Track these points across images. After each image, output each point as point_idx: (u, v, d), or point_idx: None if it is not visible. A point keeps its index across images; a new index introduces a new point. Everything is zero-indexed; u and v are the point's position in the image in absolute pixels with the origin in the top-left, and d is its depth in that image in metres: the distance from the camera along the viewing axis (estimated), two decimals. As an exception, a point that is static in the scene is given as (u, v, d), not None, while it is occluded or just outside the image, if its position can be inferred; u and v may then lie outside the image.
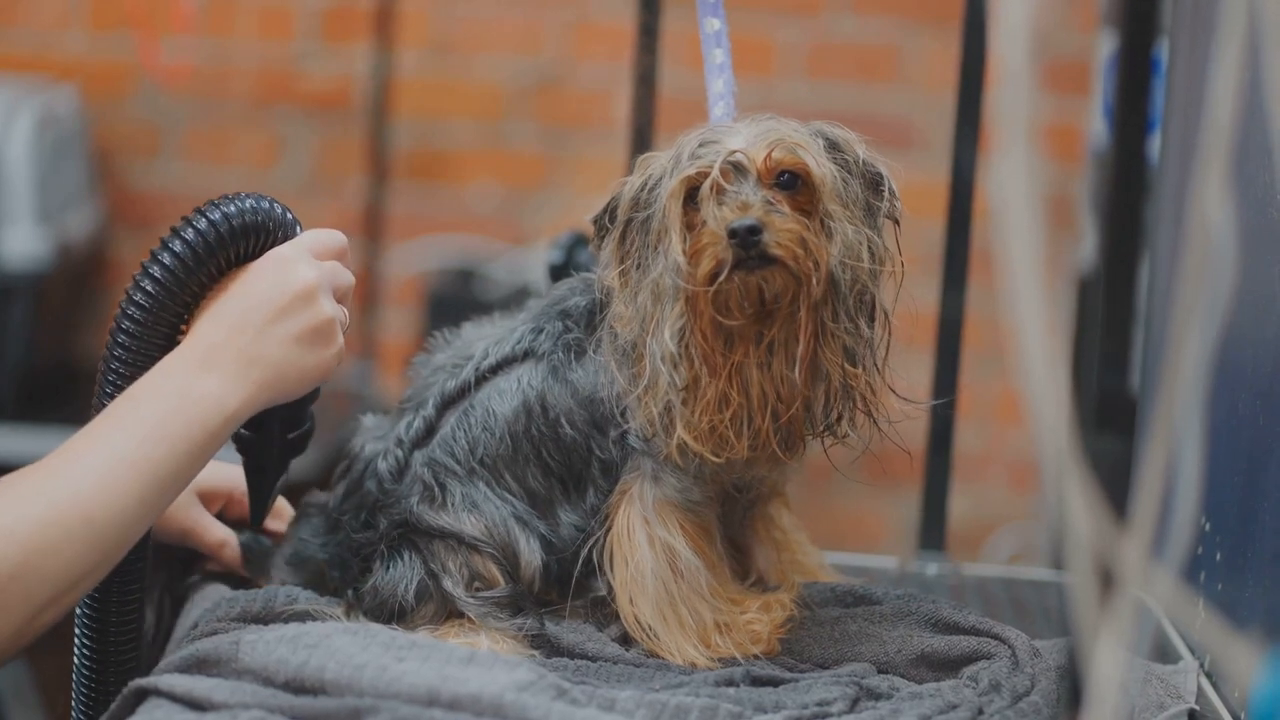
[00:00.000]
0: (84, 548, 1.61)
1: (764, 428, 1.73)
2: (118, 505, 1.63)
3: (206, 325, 1.71)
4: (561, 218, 4.44)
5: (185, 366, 1.69)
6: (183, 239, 1.72)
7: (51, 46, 4.74)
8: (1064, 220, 4.11)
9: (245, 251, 1.74)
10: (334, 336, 1.76)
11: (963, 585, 2.32)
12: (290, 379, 1.74)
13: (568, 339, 1.84)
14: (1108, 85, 3.68)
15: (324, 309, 1.75)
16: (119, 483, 1.63)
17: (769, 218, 1.69)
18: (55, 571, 1.60)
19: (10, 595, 1.58)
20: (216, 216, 1.73)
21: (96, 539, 1.62)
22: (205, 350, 1.70)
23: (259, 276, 1.73)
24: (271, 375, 1.72)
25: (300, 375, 1.75)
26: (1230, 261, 1.03)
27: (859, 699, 1.72)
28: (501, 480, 1.85)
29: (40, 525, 1.59)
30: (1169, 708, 1.77)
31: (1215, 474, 1.89)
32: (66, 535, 1.60)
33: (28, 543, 1.58)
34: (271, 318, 1.72)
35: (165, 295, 1.71)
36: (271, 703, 1.59)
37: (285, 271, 1.74)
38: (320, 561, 1.91)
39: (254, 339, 1.71)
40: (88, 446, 1.65)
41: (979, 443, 4.57)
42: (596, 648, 1.80)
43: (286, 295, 1.73)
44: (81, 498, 1.62)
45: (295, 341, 1.73)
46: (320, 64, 4.75)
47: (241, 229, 1.73)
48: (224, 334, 1.71)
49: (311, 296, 1.74)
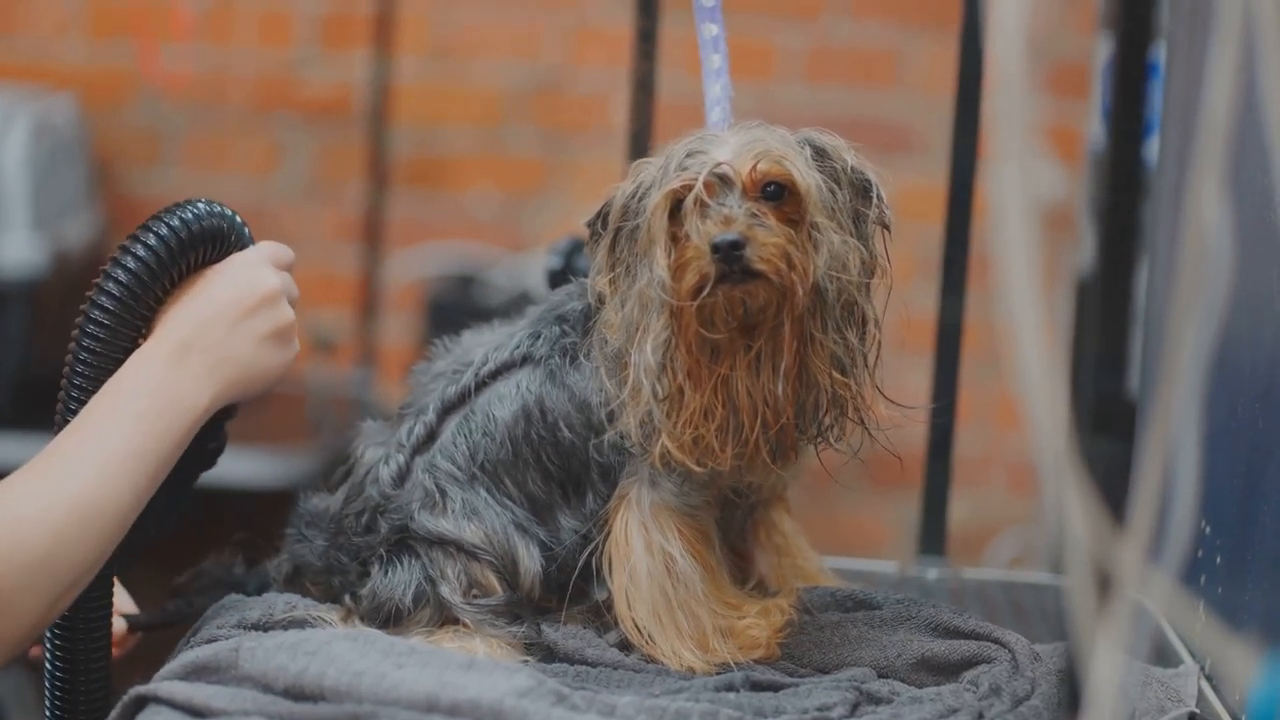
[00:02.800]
0: (97, 537, 1.66)
1: (753, 437, 1.73)
2: (119, 496, 1.67)
3: (176, 322, 1.75)
4: (560, 223, 4.44)
5: (159, 362, 1.73)
6: (145, 244, 1.74)
7: (50, 54, 4.74)
8: (1062, 223, 4.11)
9: (205, 256, 1.78)
10: (294, 339, 1.83)
11: (963, 589, 2.32)
12: (254, 377, 1.79)
13: (565, 344, 1.85)
14: (1105, 88, 3.68)
15: (287, 312, 1.81)
16: (119, 474, 1.68)
17: (752, 232, 1.68)
18: (76, 559, 1.65)
19: (40, 580, 1.63)
20: (176, 223, 1.75)
21: (105, 528, 1.67)
22: (177, 346, 1.74)
23: (227, 278, 1.78)
24: (239, 373, 1.77)
25: (263, 374, 1.80)
26: (1227, 264, 1.03)
27: (859, 704, 1.72)
28: (502, 486, 1.85)
29: (64, 513, 1.64)
30: (1169, 711, 1.77)
31: (1214, 477, 1.89)
32: (84, 524, 1.65)
33: (55, 530, 1.63)
34: (240, 317, 1.77)
35: (130, 298, 1.74)
36: (271, 709, 1.59)
37: (251, 275, 1.79)
38: (319, 568, 1.91)
39: (224, 337, 1.76)
40: (85, 441, 1.69)
41: (978, 447, 4.57)
42: (596, 653, 1.80)
43: (254, 297, 1.78)
44: (91, 488, 1.66)
45: (261, 341, 1.78)
46: (319, 70, 4.76)
47: (201, 234, 1.77)
48: (195, 330, 1.75)
49: (276, 299, 1.80)
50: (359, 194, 4.73)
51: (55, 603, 1.65)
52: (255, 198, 4.74)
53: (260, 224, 4.83)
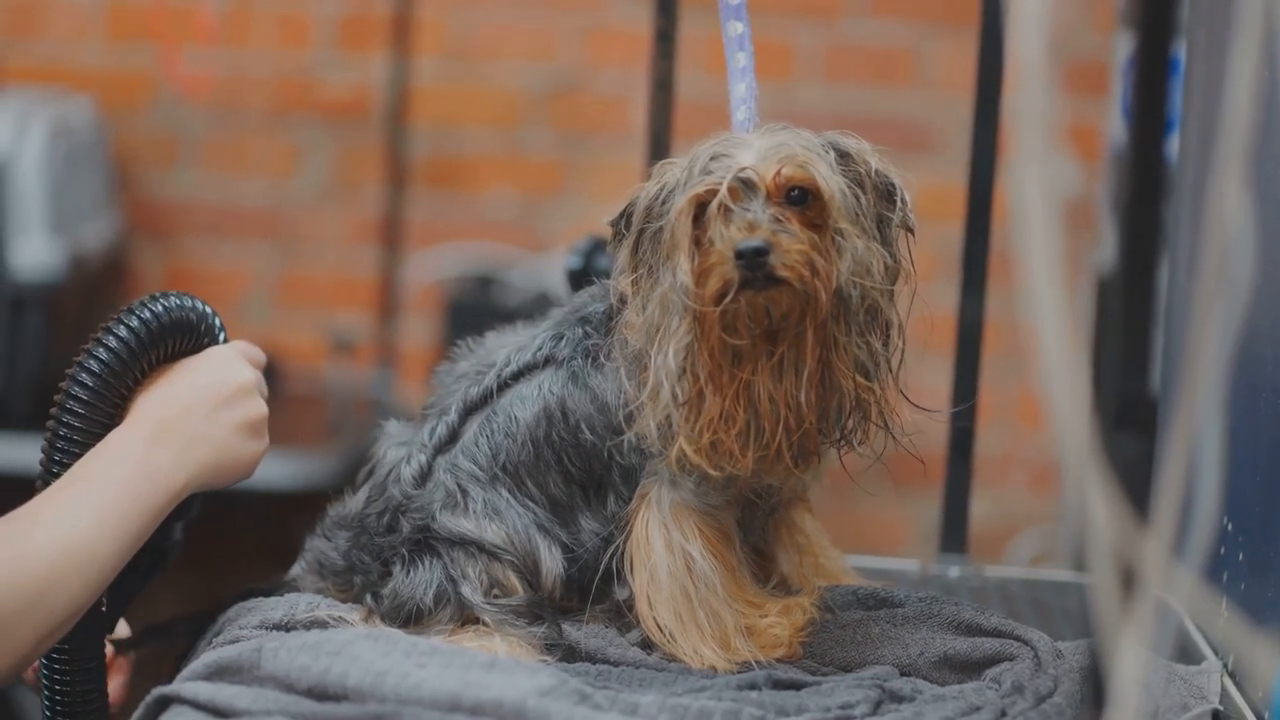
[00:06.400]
0: (84, 582, 1.69)
1: (775, 442, 1.73)
2: (109, 547, 1.71)
3: (154, 404, 1.79)
4: (579, 224, 4.44)
5: (138, 440, 1.76)
6: (124, 328, 1.79)
7: (69, 57, 4.75)
8: (1083, 221, 4.11)
9: (179, 347, 1.82)
10: (265, 433, 1.86)
11: (984, 587, 2.31)
12: (227, 465, 1.82)
13: (587, 345, 1.85)
14: (1126, 86, 3.68)
15: (261, 405, 1.85)
16: (106, 525, 1.71)
17: (776, 238, 1.68)
18: (66, 599, 1.68)
19: (36, 613, 1.66)
20: (147, 315, 1.79)
21: (93, 575, 1.70)
22: (155, 425, 1.77)
23: (204, 367, 1.83)
24: (214, 458, 1.80)
25: (235, 462, 1.83)
26: (1249, 260, 1.03)
27: (882, 702, 1.71)
28: (523, 487, 1.85)
29: (59, 553, 1.68)
30: (1192, 708, 1.76)
31: (1236, 473, 1.88)
32: (76, 567, 1.68)
33: (51, 566, 1.67)
34: (218, 404, 1.81)
35: (110, 377, 1.77)
36: (294, 709, 1.60)
37: (228, 366, 1.84)
38: (341, 569, 1.92)
39: (202, 421, 1.80)
40: (76, 494, 1.72)
41: (1000, 445, 4.57)
42: (618, 652, 1.81)
43: (230, 386, 1.82)
44: (81, 536, 1.69)
45: (236, 430, 1.82)
46: (337, 73, 4.76)
47: (173, 325, 1.81)
48: (174, 412, 1.79)
49: (251, 391, 1.84)
50: (378, 195, 4.73)
51: (45, 639, 1.68)
52: (274, 200, 4.75)
53: (279, 226, 4.86)
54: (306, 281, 4.77)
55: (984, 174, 2.39)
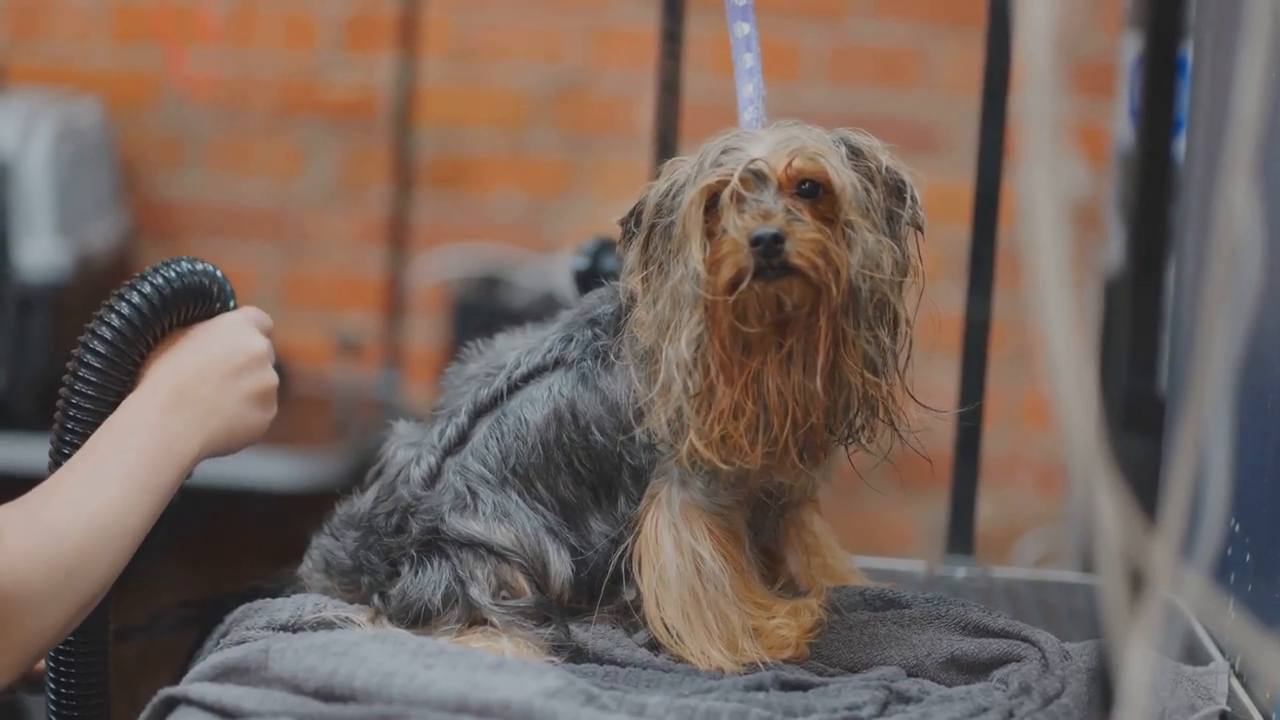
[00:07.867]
0: (114, 553, 1.69)
1: (783, 436, 1.73)
2: (132, 517, 1.70)
3: (168, 371, 1.78)
4: (585, 224, 4.44)
5: (154, 407, 1.76)
6: (136, 295, 1.78)
7: (75, 58, 4.75)
8: (1090, 222, 4.11)
9: (192, 312, 1.82)
10: (274, 402, 1.86)
11: (991, 588, 2.31)
12: (237, 433, 1.82)
13: (596, 346, 1.85)
14: (1133, 86, 3.68)
15: (271, 375, 1.85)
16: (131, 495, 1.71)
17: (791, 227, 1.69)
18: (97, 573, 1.67)
19: (67, 589, 1.65)
20: (160, 280, 1.79)
21: (121, 547, 1.69)
22: (171, 393, 1.77)
23: (216, 336, 1.82)
24: (225, 427, 1.80)
25: (245, 431, 1.83)
26: (1257, 260, 1.03)
27: (889, 703, 1.72)
28: (533, 489, 1.85)
29: (88, 526, 1.67)
30: (1200, 709, 1.76)
31: (1244, 475, 1.88)
32: (105, 539, 1.68)
33: (80, 542, 1.66)
34: (230, 373, 1.81)
35: (122, 344, 1.77)
36: (301, 710, 1.60)
37: (240, 335, 1.83)
38: (348, 568, 1.92)
39: (215, 390, 1.79)
40: (99, 465, 1.71)
41: (1007, 446, 4.56)
42: (625, 653, 1.81)
43: (243, 355, 1.82)
44: (110, 506, 1.69)
45: (247, 399, 1.82)
46: (343, 73, 4.76)
47: (185, 290, 1.80)
48: (187, 380, 1.78)
49: (263, 361, 1.84)
50: (383, 196, 4.73)
51: (76, 614, 1.67)
52: (280, 200, 4.75)
53: (285, 227, 4.86)
54: (312, 282, 4.77)
55: (991, 175, 2.38)
